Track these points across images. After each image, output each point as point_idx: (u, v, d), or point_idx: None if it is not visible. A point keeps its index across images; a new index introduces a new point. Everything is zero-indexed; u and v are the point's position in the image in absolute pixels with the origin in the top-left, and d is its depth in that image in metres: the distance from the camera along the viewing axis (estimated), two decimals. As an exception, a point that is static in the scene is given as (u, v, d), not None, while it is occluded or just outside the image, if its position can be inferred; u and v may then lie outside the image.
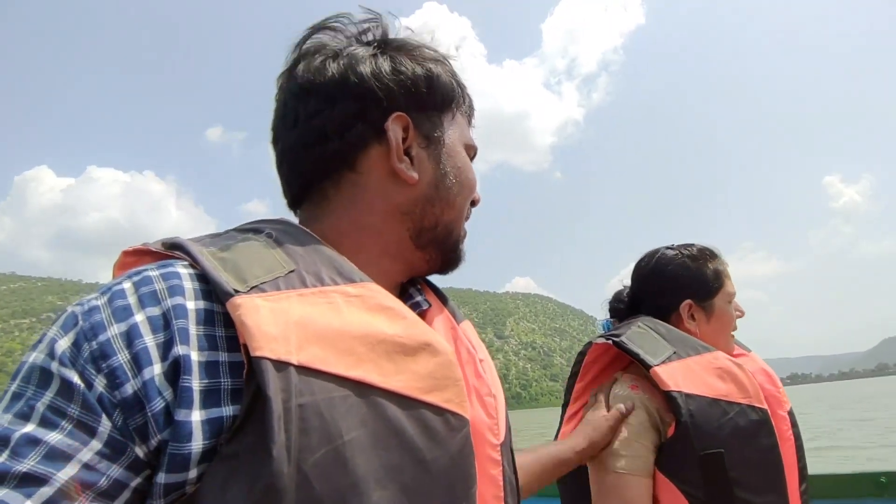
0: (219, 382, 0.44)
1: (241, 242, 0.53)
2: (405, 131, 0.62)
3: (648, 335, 1.15)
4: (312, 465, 0.41)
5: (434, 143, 0.65)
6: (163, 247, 0.53)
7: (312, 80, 0.61)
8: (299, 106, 0.62)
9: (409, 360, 0.50)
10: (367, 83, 0.61)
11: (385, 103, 0.61)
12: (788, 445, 1.13)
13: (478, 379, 0.61)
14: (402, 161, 0.62)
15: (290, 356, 0.44)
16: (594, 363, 1.27)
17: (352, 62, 0.61)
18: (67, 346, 0.43)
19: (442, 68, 0.66)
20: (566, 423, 1.26)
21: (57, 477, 0.38)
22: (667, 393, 1.05)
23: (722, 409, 1.05)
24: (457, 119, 0.69)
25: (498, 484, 0.58)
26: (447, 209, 0.65)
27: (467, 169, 0.68)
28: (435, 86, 0.64)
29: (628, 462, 1.06)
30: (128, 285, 0.46)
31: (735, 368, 1.11)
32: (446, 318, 0.66)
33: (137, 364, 0.42)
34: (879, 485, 1.89)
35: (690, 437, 1.02)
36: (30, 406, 0.40)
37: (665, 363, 1.08)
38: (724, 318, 1.26)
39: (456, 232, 0.68)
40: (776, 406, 1.15)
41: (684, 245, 1.31)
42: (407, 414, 0.48)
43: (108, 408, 0.41)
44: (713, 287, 1.26)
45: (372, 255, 0.61)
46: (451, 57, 0.69)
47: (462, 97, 0.69)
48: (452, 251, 0.68)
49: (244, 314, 0.44)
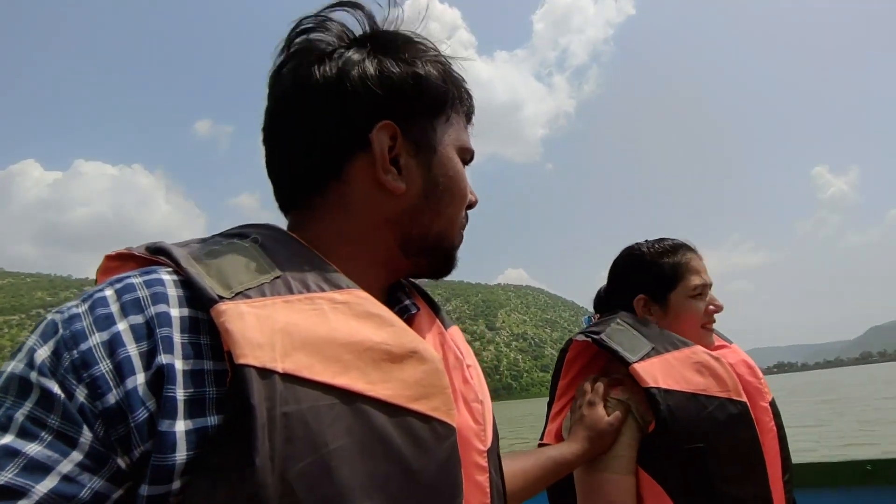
0: (203, 392, 0.43)
1: (227, 248, 0.52)
2: (392, 140, 0.60)
3: (628, 332, 1.15)
4: (297, 474, 0.40)
5: (424, 150, 0.62)
6: (147, 252, 0.52)
7: (298, 85, 0.60)
8: (285, 112, 0.61)
9: (396, 368, 0.50)
10: (352, 90, 0.59)
11: (371, 111, 0.59)
12: (771, 437, 1.13)
13: (465, 385, 0.61)
14: (389, 172, 0.60)
15: (274, 364, 0.43)
16: (576, 360, 1.27)
17: (337, 67, 0.59)
18: (47, 355, 0.41)
19: (435, 68, 0.63)
20: (552, 420, 1.26)
21: (36, 489, 0.37)
22: (646, 389, 1.05)
23: (701, 404, 1.05)
24: (452, 121, 0.66)
25: (485, 490, 0.58)
26: (436, 219, 0.64)
27: (459, 177, 0.65)
28: (425, 89, 0.62)
29: (612, 462, 1.06)
30: (110, 293, 0.45)
31: (713, 362, 1.11)
32: (434, 323, 0.66)
33: (120, 373, 0.41)
34: (865, 472, 1.90)
35: (670, 433, 1.03)
36: (8, 416, 0.39)
37: (644, 360, 1.08)
38: (685, 313, 1.24)
39: (448, 241, 0.66)
40: (757, 398, 1.15)
41: (656, 240, 1.31)
42: (394, 422, 0.47)
43: (90, 418, 0.40)
44: (669, 282, 1.25)
45: (360, 263, 0.60)
46: (451, 57, 0.67)
47: (458, 96, 0.66)
48: (444, 259, 0.67)
49: (228, 321, 0.43)
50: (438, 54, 0.65)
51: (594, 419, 1.09)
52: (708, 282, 1.27)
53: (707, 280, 1.27)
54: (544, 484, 1.03)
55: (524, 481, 0.97)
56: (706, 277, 1.27)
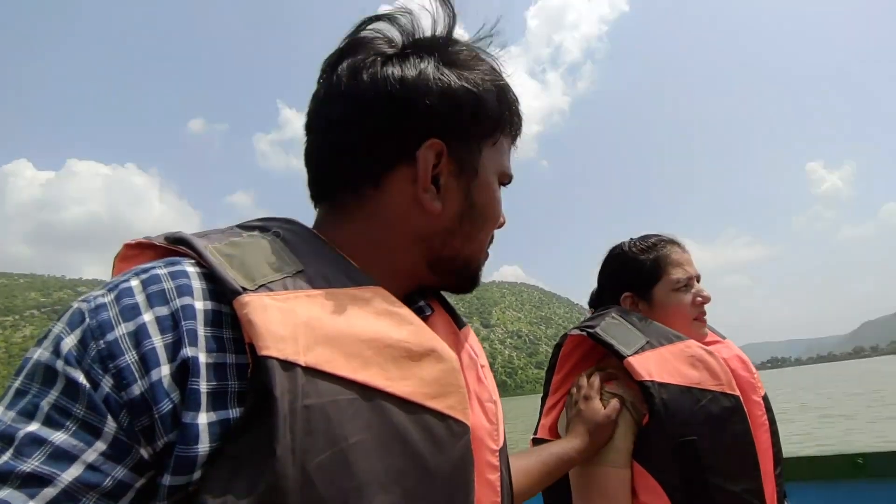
0: (226, 385, 0.43)
1: (248, 240, 0.52)
2: (437, 157, 0.59)
3: (622, 326, 1.16)
4: (317, 466, 0.41)
5: (466, 173, 0.61)
6: (166, 241, 0.51)
7: (353, 84, 0.58)
8: (334, 107, 0.60)
9: (415, 366, 0.50)
10: (407, 100, 0.57)
11: (423, 124, 0.58)
12: (763, 430, 1.14)
13: (479, 384, 0.62)
14: (428, 190, 0.59)
15: (297, 357, 0.43)
16: (570, 355, 1.28)
17: (396, 73, 0.58)
18: (73, 344, 0.42)
19: (494, 90, 0.62)
20: (545, 415, 1.27)
21: (61, 478, 0.38)
22: (640, 383, 1.06)
23: (694, 397, 1.06)
24: (499, 145, 0.65)
25: (496, 489, 0.58)
26: (468, 243, 0.63)
27: (496, 203, 0.65)
28: (482, 113, 0.61)
29: (607, 454, 1.07)
30: (135, 283, 0.45)
31: (707, 356, 1.12)
32: (449, 323, 0.66)
33: (145, 365, 0.41)
34: (856, 465, 1.91)
35: (664, 426, 1.03)
36: (34, 404, 0.40)
37: (638, 353, 1.09)
38: (671, 307, 1.25)
39: (475, 264, 0.66)
40: (750, 392, 1.16)
41: (639, 237, 1.33)
42: (411, 419, 0.48)
43: (115, 409, 0.40)
44: (651, 278, 1.27)
45: (384, 271, 0.60)
46: (506, 74, 0.65)
47: (510, 120, 0.65)
48: (469, 279, 0.67)
49: (251, 312, 0.44)
50: (499, 76, 0.64)
51: (591, 413, 1.09)
52: (692, 273, 1.27)
53: (691, 272, 1.27)
54: (549, 481, 1.03)
55: (528, 479, 0.98)
56: (690, 269, 1.27)
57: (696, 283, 1.27)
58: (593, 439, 1.07)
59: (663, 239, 1.31)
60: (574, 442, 1.07)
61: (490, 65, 0.64)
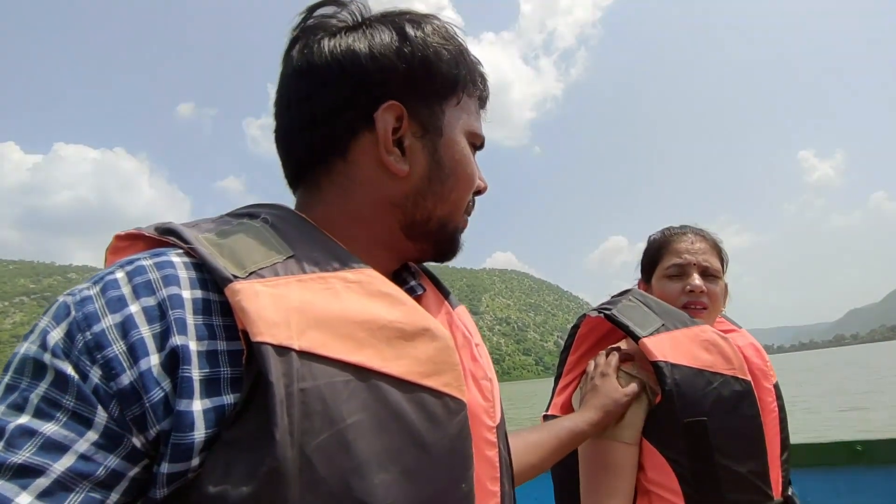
0: (218, 371, 0.44)
1: (238, 228, 0.53)
2: (398, 120, 0.60)
3: (639, 308, 1.18)
4: (315, 448, 0.42)
5: (430, 133, 0.62)
6: (156, 232, 0.52)
7: (306, 61, 0.60)
8: (293, 87, 0.61)
9: (409, 345, 0.51)
10: (359, 67, 0.58)
11: (378, 89, 0.59)
12: (772, 417, 1.16)
13: (474, 363, 0.62)
14: (392, 153, 0.60)
15: (291, 341, 0.44)
16: (588, 336, 1.30)
17: (346, 44, 0.59)
18: (60, 336, 0.42)
19: (448, 49, 0.62)
20: (558, 394, 1.29)
21: (53, 468, 0.38)
22: (653, 363, 1.08)
23: (706, 380, 1.08)
24: (463, 104, 0.65)
25: (494, 465, 0.59)
26: (440, 203, 0.63)
27: (465, 161, 0.65)
28: (436, 70, 0.61)
29: (618, 430, 1.10)
30: (120, 275, 0.46)
31: (721, 341, 1.14)
32: (441, 303, 0.67)
33: (133, 355, 0.42)
34: (855, 453, 1.93)
35: (675, 405, 1.05)
36: (24, 398, 0.40)
37: (653, 335, 1.11)
38: (661, 293, 1.28)
39: (451, 225, 0.66)
40: (762, 379, 1.19)
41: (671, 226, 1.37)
42: (407, 398, 0.48)
43: (104, 399, 0.41)
44: (651, 264, 1.33)
45: (362, 244, 0.60)
46: (462, 35, 0.65)
47: (471, 80, 0.65)
48: (447, 243, 0.67)
49: (244, 300, 0.44)
50: (453, 36, 0.64)
51: (607, 389, 1.11)
52: (690, 261, 1.26)
53: (689, 260, 1.26)
54: (561, 453, 1.04)
55: (541, 451, 0.99)
56: (688, 258, 1.26)
57: (696, 273, 1.25)
58: (606, 414, 1.08)
59: (676, 227, 1.33)
60: (587, 415, 1.08)
61: (444, 27, 0.64)
